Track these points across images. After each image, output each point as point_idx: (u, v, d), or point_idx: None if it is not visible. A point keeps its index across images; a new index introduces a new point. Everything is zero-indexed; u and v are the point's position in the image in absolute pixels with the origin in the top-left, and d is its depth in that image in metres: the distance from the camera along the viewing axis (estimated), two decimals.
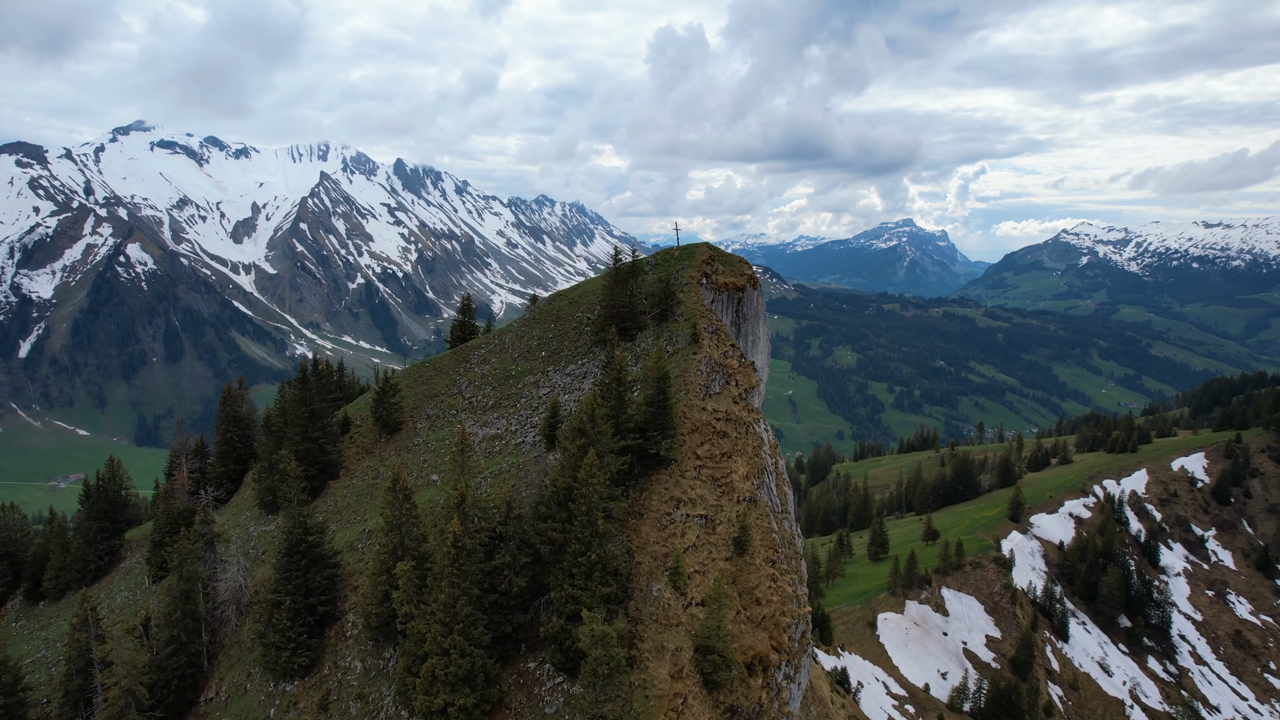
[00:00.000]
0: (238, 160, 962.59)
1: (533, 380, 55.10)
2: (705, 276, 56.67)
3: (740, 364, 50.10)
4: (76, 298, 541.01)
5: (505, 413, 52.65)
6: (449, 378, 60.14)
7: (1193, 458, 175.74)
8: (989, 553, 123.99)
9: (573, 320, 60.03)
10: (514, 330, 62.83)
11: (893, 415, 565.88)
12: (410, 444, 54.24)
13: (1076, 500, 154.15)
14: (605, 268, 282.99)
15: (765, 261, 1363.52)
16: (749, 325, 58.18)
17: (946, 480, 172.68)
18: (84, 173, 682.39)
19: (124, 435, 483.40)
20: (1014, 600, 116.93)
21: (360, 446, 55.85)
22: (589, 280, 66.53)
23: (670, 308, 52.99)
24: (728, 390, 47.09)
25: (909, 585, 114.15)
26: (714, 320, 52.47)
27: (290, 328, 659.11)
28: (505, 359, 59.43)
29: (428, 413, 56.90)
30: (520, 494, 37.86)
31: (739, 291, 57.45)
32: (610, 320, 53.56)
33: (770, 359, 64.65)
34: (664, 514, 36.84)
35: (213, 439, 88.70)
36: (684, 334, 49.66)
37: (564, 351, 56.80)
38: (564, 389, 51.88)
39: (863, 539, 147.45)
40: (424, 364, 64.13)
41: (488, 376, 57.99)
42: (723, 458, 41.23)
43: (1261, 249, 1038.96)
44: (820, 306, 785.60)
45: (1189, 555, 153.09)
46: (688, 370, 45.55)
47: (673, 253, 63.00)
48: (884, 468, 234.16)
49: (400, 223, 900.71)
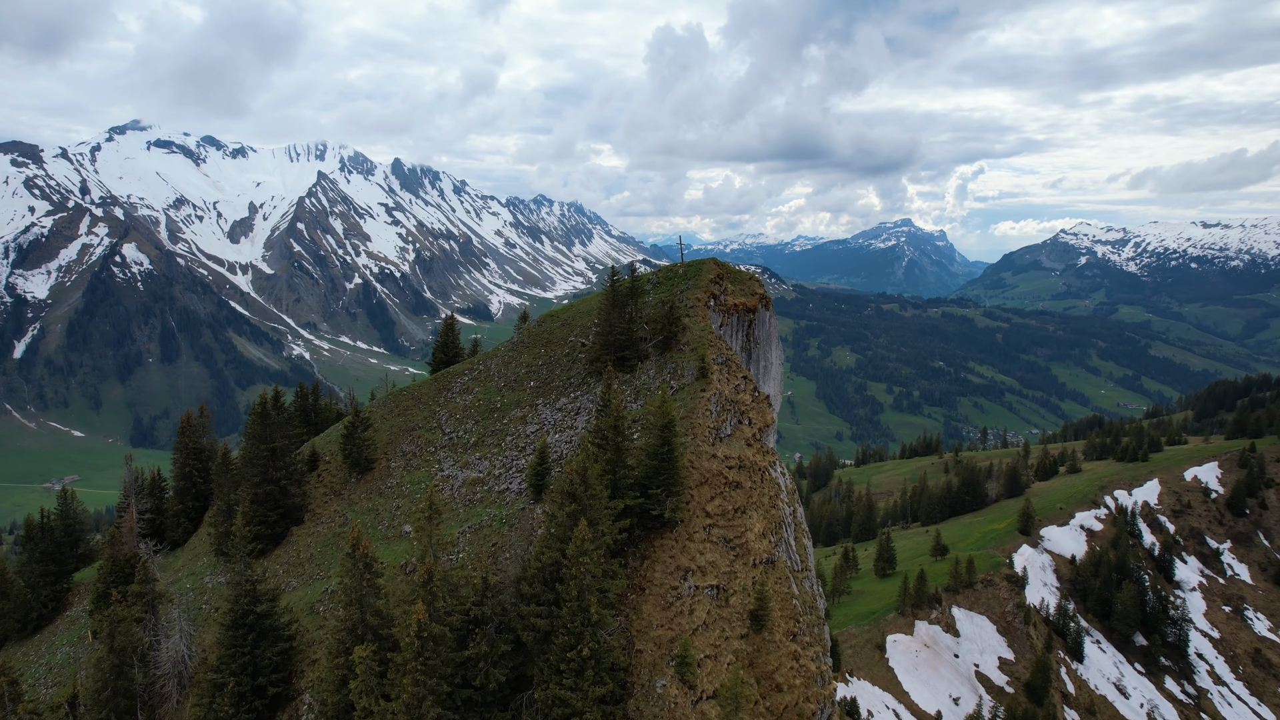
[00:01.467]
0: (235, 160, 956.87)
1: (520, 415, 49.97)
2: (713, 297, 51.83)
3: (754, 399, 45.38)
4: (72, 298, 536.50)
5: (488, 452, 47.38)
6: (428, 409, 55.18)
7: (1206, 467, 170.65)
8: (1001, 570, 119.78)
9: (565, 345, 54.90)
10: (500, 355, 57.76)
11: (891, 416, 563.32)
12: (382, 486, 49.15)
13: (1087, 512, 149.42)
14: (603, 268, 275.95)
15: (764, 261, 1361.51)
16: (760, 350, 52.96)
17: (953, 490, 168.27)
18: (80, 172, 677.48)
19: (119, 436, 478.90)
20: (1027, 620, 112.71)
21: (329, 487, 50.60)
22: (583, 299, 61.83)
23: (674, 335, 48.07)
24: (740, 431, 42.36)
25: (918, 604, 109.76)
26: (723, 349, 47.57)
27: (287, 328, 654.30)
28: (490, 388, 54.38)
29: (403, 449, 51.78)
30: (501, 560, 33.49)
31: (750, 313, 52.60)
32: (606, 349, 48.46)
33: (783, 385, 59.46)
34: (669, 588, 31.78)
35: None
36: (690, 367, 44.93)
37: (554, 382, 51.88)
38: (554, 426, 46.97)
39: (868, 551, 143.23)
40: (401, 392, 59.32)
41: (470, 409, 52.97)
42: (736, 513, 36.39)
43: (1260, 249, 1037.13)
44: (819, 306, 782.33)
45: (1204, 569, 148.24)
46: (695, 410, 40.73)
47: (676, 270, 57.98)
48: (887, 474, 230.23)
49: (398, 223, 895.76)
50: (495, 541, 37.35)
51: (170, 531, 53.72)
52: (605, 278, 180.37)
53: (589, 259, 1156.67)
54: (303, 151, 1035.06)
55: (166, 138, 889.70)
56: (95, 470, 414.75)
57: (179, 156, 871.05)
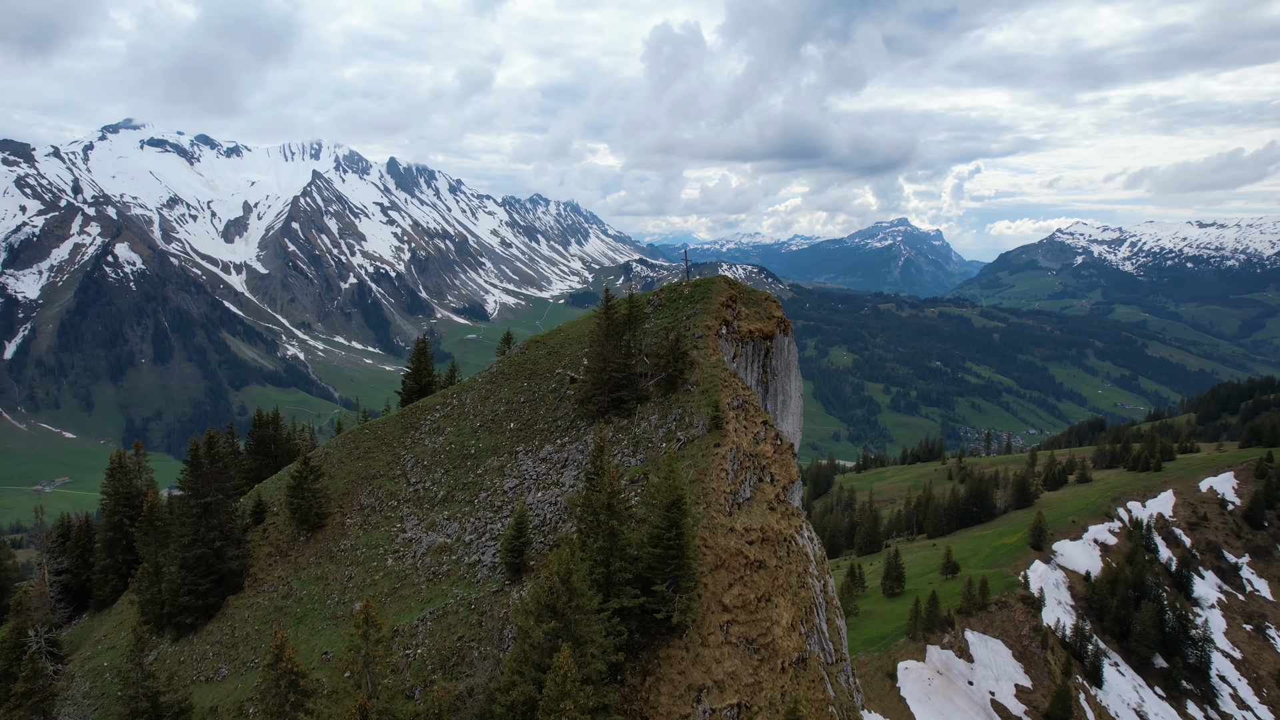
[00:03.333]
0: (229, 159, 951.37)
1: (497, 464, 42.38)
2: (725, 324, 44.88)
3: (776, 449, 38.68)
4: (63, 298, 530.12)
5: (459, 511, 39.81)
6: (392, 452, 47.84)
7: (1221, 477, 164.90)
8: (1015, 591, 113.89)
9: (550, 378, 47.52)
10: (476, 388, 50.43)
11: (889, 416, 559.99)
12: (335, 548, 41.58)
13: (1101, 525, 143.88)
14: (600, 268, 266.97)
15: (760, 261, 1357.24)
16: (779, 382, 46.40)
17: (960, 501, 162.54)
18: (72, 171, 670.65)
19: (111, 438, 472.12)
20: (1045, 644, 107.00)
21: (275, 546, 43.39)
22: (573, 323, 54.54)
23: (680, 371, 41.02)
24: (762, 493, 35.62)
25: (930, 628, 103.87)
26: (739, 389, 40.47)
27: (282, 328, 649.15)
28: (464, 428, 46.98)
29: (362, 502, 44.37)
30: (469, 660, 26.89)
31: (767, 340, 45.92)
32: (599, 388, 41.09)
33: (802, 420, 52.62)
34: (679, 716, 25.01)
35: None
36: (701, 414, 37.87)
37: (538, 424, 44.28)
38: (536, 481, 39.51)
39: (873, 566, 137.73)
40: (364, 429, 51.92)
41: (440, 454, 45.54)
42: (760, 603, 29.88)
43: (1256, 249, 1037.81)
44: (816, 306, 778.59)
45: (1222, 584, 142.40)
46: (708, 472, 33.86)
47: (681, 290, 50.52)
48: (889, 480, 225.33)
49: (393, 222, 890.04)
50: (461, 635, 30.81)
51: (97, 590, 46.73)
52: (601, 279, 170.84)
53: (585, 259, 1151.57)
54: (297, 150, 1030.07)
55: (160, 136, 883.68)
56: (87, 472, 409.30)
57: (173, 155, 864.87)
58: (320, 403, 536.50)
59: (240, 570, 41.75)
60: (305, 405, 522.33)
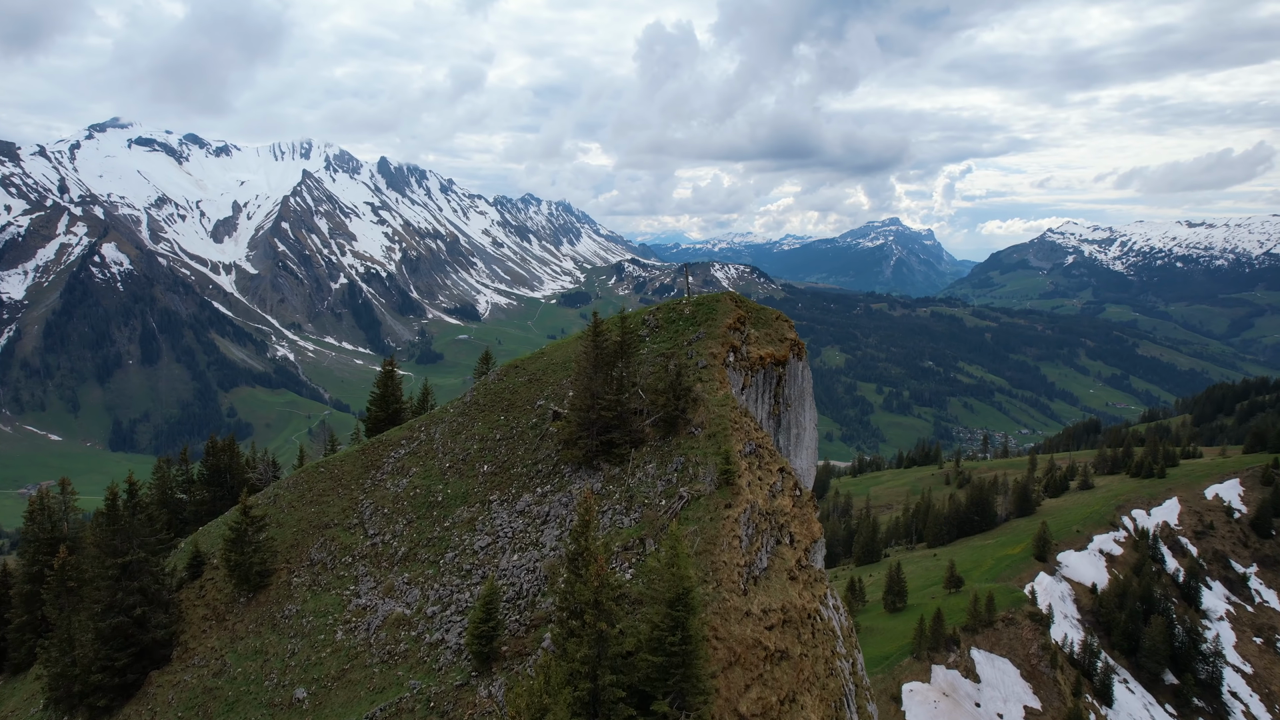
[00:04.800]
0: (218, 158, 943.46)
1: (467, 516, 36.73)
2: (733, 350, 39.45)
3: (795, 501, 33.59)
4: (49, 298, 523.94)
5: (421, 573, 34.26)
6: (349, 496, 41.94)
7: (1227, 484, 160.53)
8: (1023, 607, 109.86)
9: (531, 412, 41.92)
10: (447, 421, 44.53)
11: (882, 416, 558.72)
12: (279, 614, 35.84)
13: (1106, 534, 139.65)
14: (592, 269, 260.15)
15: (752, 260, 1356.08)
16: (793, 413, 41.01)
17: (960, 509, 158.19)
18: (58, 170, 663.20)
19: (98, 440, 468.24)
20: (1054, 663, 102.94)
21: (211, 607, 37.52)
22: (557, 345, 48.77)
23: (683, 410, 35.36)
24: (780, 558, 30.54)
25: (935, 647, 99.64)
26: (751, 430, 35.15)
27: (271, 329, 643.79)
28: (431, 469, 41.20)
29: (312, 556, 38.59)
30: None
31: (779, 366, 40.81)
32: (586, 429, 35.36)
33: (817, 454, 47.41)
34: None
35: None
36: (708, 466, 32.10)
37: (515, 467, 38.57)
38: (511, 539, 33.89)
39: (873, 578, 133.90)
40: (318, 468, 45.73)
41: (403, 500, 39.78)
42: (784, 706, 24.66)
43: (1244, 248, 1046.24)
44: (808, 306, 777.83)
45: (1230, 595, 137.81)
46: (718, 541, 28.38)
47: (681, 309, 44.49)
48: (885, 485, 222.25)
49: (384, 222, 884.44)
50: None
51: (12, 651, 40.91)
52: (593, 279, 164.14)
53: (578, 258, 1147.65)
54: (287, 150, 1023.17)
55: (148, 136, 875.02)
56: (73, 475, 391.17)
57: (161, 155, 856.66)
58: (310, 404, 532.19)
59: (168, 640, 35.99)
60: (295, 406, 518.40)
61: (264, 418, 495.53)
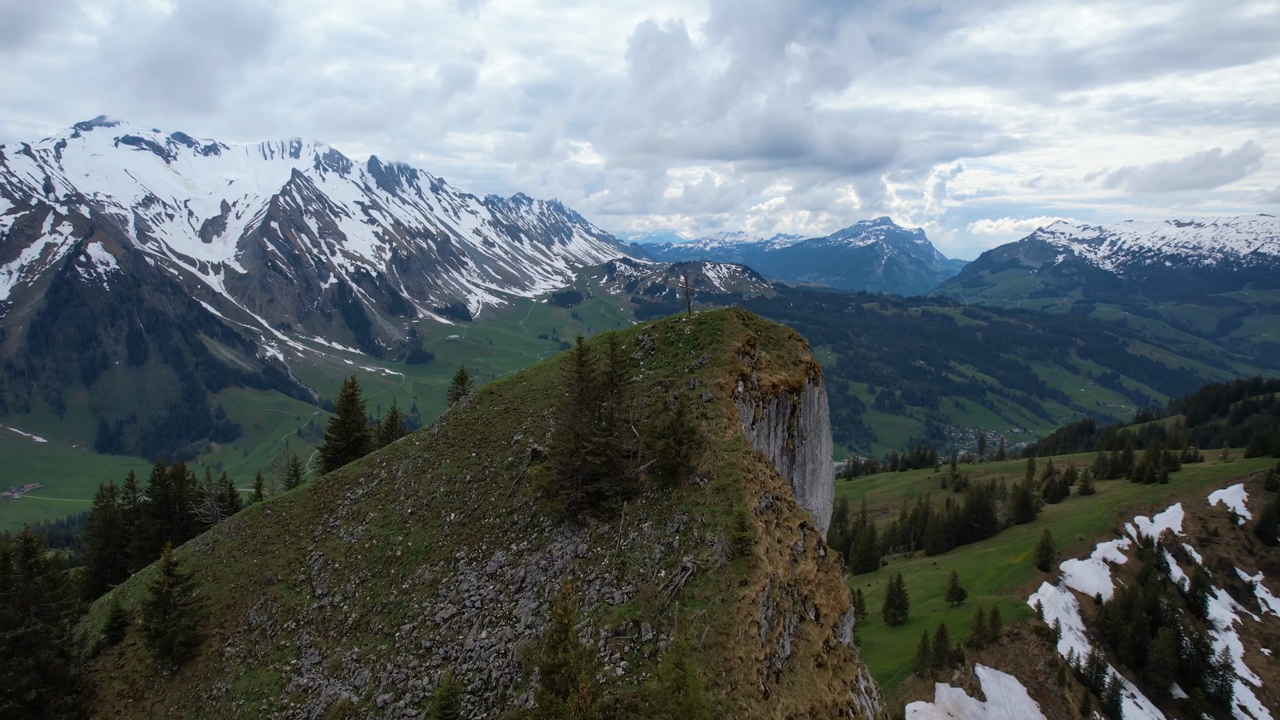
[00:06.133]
0: (207, 157, 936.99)
1: (429, 578, 31.66)
2: (742, 378, 34.83)
3: (820, 563, 29.57)
4: (34, 299, 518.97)
5: (373, 649, 29.09)
6: (297, 545, 36.39)
7: (1231, 490, 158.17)
8: (1029, 621, 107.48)
9: (507, 448, 36.77)
10: (413, 455, 39.40)
11: (874, 416, 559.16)
12: (207, 692, 30.66)
13: (1109, 542, 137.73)
14: (583, 269, 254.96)
15: (743, 260, 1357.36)
16: (808, 446, 36.89)
17: (960, 516, 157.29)
18: (44, 169, 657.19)
19: (84, 442, 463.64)
20: (1061, 680, 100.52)
21: (128, 680, 32.34)
22: (538, 368, 43.71)
23: (685, 454, 30.28)
24: (807, 641, 26.39)
25: (939, 664, 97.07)
26: (768, 479, 30.79)
27: (260, 329, 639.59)
28: (390, 515, 35.93)
29: (250, 620, 33.23)
30: None
31: (794, 393, 36.28)
32: (569, 476, 30.49)
33: (834, 490, 42.92)
34: None
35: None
36: (717, 528, 27.48)
37: (487, 517, 33.33)
38: (480, 611, 28.76)
39: (872, 587, 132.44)
40: (264, 509, 40.31)
41: (357, 553, 34.46)
42: None
43: (1232, 248, 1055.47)
44: (800, 306, 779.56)
45: (1236, 604, 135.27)
46: (731, 630, 23.79)
47: (680, 329, 39.13)
48: (881, 489, 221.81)
49: (374, 221, 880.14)
50: None
51: None
52: (585, 278, 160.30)
53: (569, 258, 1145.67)
54: (277, 149, 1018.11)
55: (135, 134, 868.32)
56: (58, 478, 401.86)
57: (148, 153, 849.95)
58: (300, 404, 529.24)
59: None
60: (284, 407, 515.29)
61: (253, 419, 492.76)
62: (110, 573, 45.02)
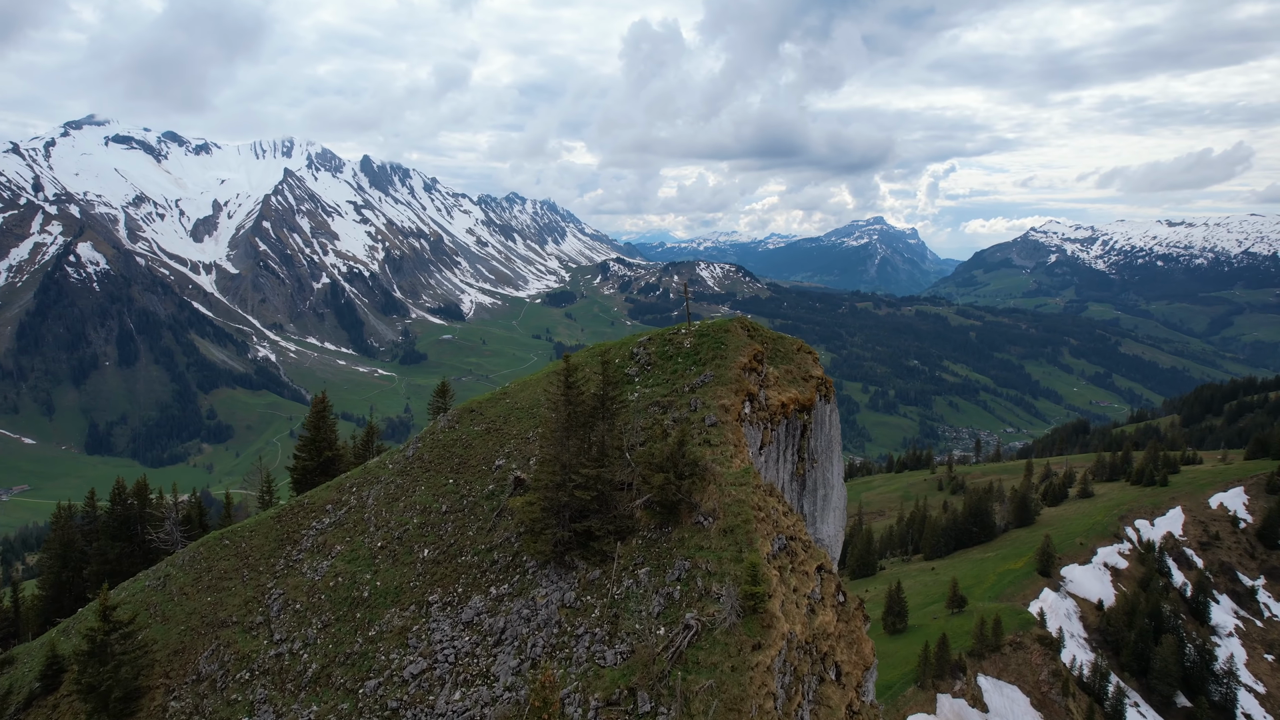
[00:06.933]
0: (198, 156, 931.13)
1: (398, 624, 28.22)
2: (749, 398, 31.65)
3: (840, 612, 26.16)
4: (23, 299, 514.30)
5: (333, 708, 25.79)
6: (256, 580, 33.01)
7: (1231, 493, 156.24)
8: (1031, 630, 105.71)
9: (487, 475, 33.66)
10: (385, 480, 36.09)
11: (868, 416, 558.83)
12: None
13: (1109, 547, 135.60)
14: (577, 268, 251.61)
15: (737, 259, 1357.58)
16: (819, 470, 34.12)
17: (958, 520, 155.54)
18: (33, 168, 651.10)
19: (73, 443, 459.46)
20: (1065, 690, 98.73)
21: None
22: (523, 384, 40.39)
23: (688, 490, 26.94)
24: (828, 707, 23.75)
25: (940, 675, 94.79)
26: (780, 517, 27.61)
27: (252, 329, 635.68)
28: (359, 549, 32.51)
29: (200, 669, 29.63)
30: None
31: (804, 412, 33.36)
32: (555, 514, 27.25)
33: (845, 515, 39.99)
34: None
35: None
36: (724, 579, 24.38)
37: (464, 555, 30.07)
38: (453, 668, 25.52)
39: (869, 592, 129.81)
40: (222, 539, 36.61)
41: (321, 592, 31.11)
42: None
43: (1223, 247, 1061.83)
44: (793, 305, 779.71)
45: (1238, 609, 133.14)
46: (743, 705, 21.34)
47: (680, 341, 35.80)
48: (877, 491, 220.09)
49: (367, 221, 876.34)
50: None
51: None
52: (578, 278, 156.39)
53: (563, 257, 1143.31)
54: (269, 148, 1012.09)
55: (126, 133, 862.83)
56: (47, 479, 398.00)
57: (139, 153, 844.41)
58: (292, 405, 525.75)
59: None
60: (276, 408, 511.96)
61: (245, 419, 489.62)
62: (68, 598, 42.14)
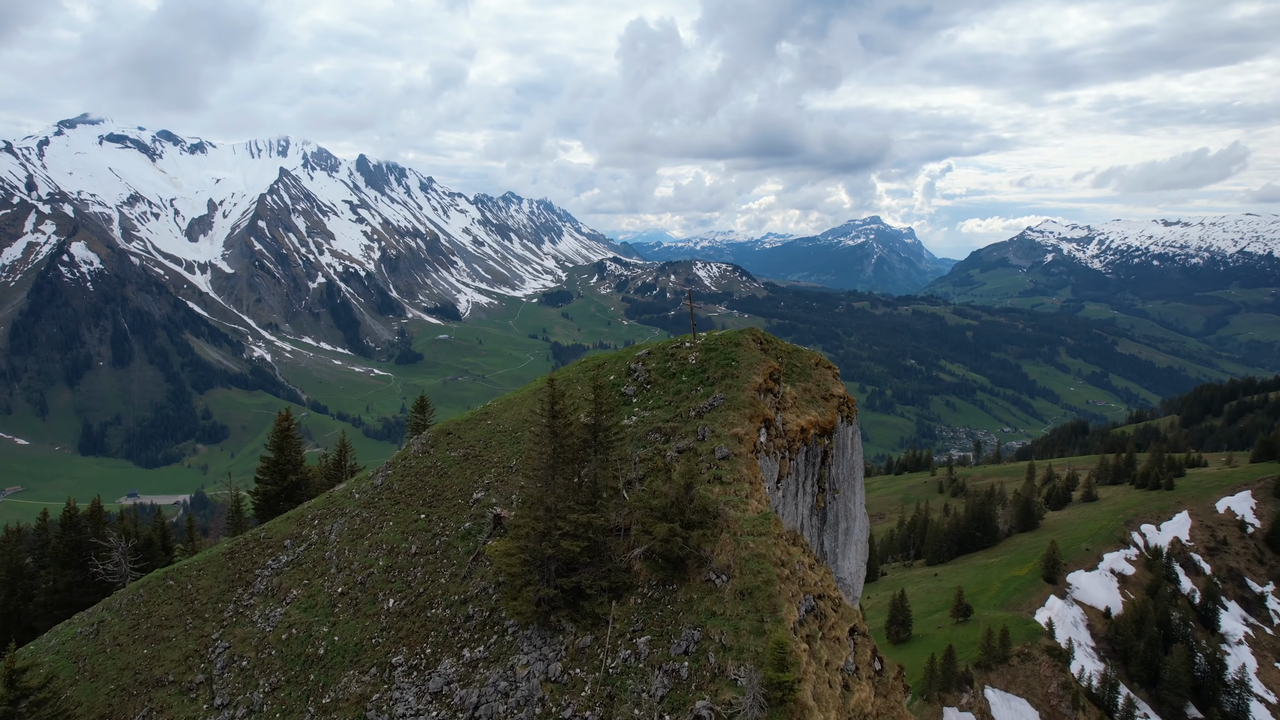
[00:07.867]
0: (193, 155, 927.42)
1: (356, 691, 24.46)
2: (765, 424, 27.70)
3: (877, 684, 22.92)
4: (16, 299, 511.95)
5: None
6: (200, 630, 29.42)
7: (1238, 497, 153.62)
8: (1040, 640, 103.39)
9: (464, 510, 29.61)
10: (351, 510, 32.59)
11: (865, 416, 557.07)
12: None
13: (1116, 552, 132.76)
14: (573, 268, 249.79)
15: (734, 259, 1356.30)
16: (840, 501, 30.76)
17: (960, 524, 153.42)
18: (25, 167, 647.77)
19: (67, 444, 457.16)
20: (1075, 703, 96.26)
21: None
22: (507, 402, 36.41)
23: (698, 542, 22.63)
24: None
25: (946, 687, 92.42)
26: (807, 573, 23.73)
27: (248, 329, 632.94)
28: (316, 594, 29.15)
29: None
30: None
31: (825, 436, 30.10)
32: (538, 567, 23.28)
33: (868, 548, 36.09)
34: None
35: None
36: (742, 654, 20.02)
37: (434, 607, 26.22)
38: None
39: (872, 600, 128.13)
40: (165, 577, 32.92)
41: (271, 646, 27.51)
42: None
43: (1219, 247, 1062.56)
44: (790, 305, 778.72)
45: (1247, 616, 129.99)
46: None
47: (685, 357, 31.75)
48: (877, 493, 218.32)
49: (363, 220, 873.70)
50: None
51: None
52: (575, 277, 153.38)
53: (559, 257, 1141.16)
54: (264, 147, 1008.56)
55: (120, 132, 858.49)
56: (41, 480, 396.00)
57: (133, 152, 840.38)
58: (287, 405, 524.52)
59: None
60: (272, 408, 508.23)
61: (240, 420, 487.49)
62: (16, 629, 38.86)
